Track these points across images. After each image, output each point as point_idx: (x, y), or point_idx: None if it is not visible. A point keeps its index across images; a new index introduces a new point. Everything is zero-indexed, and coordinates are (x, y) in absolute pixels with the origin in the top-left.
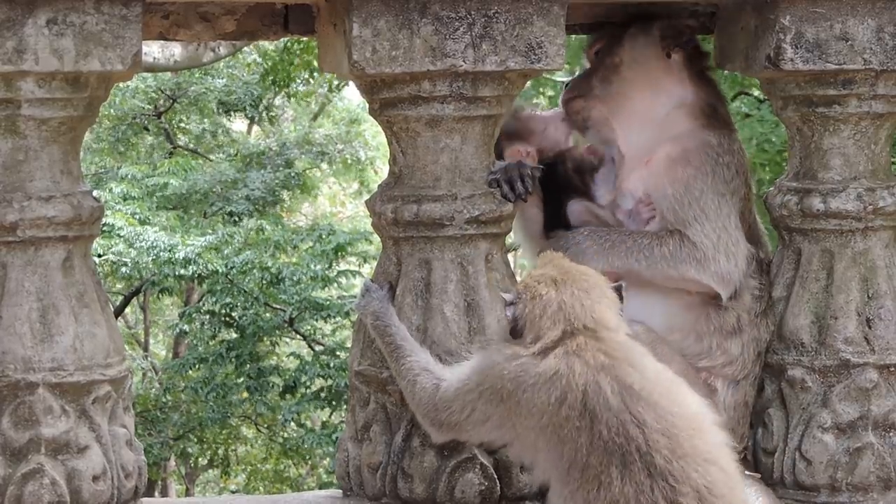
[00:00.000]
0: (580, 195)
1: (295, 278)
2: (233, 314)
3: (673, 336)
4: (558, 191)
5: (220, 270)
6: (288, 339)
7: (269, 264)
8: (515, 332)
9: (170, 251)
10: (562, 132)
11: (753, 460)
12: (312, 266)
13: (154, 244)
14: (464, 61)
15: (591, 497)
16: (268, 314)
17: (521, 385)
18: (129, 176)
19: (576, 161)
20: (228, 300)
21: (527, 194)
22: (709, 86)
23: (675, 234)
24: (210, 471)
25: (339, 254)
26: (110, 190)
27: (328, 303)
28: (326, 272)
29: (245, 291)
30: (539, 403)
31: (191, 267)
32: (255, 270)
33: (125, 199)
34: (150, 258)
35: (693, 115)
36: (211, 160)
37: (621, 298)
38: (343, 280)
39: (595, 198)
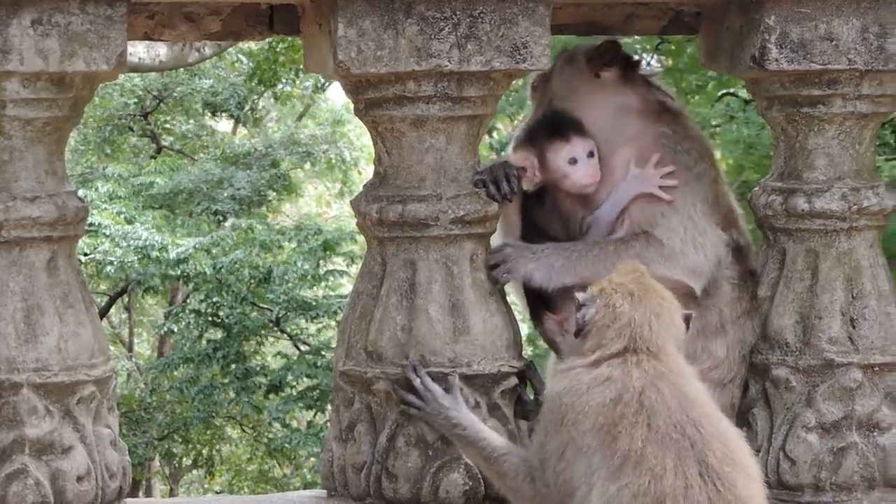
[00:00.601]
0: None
1: (285, 277)
2: (219, 313)
3: None
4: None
5: (209, 270)
6: (272, 339)
7: (259, 263)
8: (580, 333)
9: (161, 250)
10: None
11: None
12: (301, 264)
13: (145, 243)
14: (449, 61)
15: (642, 490)
16: (254, 313)
17: (576, 392)
18: (116, 175)
19: None
20: (216, 299)
21: (512, 194)
22: (650, 86)
23: (642, 235)
24: (194, 471)
25: (327, 252)
26: (96, 189)
27: (315, 303)
28: (315, 271)
29: (233, 291)
30: (594, 405)
31: (181, 266)
32: (244, 269)
33: (111, 199)
34: (137, 257)
35: (641, 115)
36: (195, 160)
37: (687, 327)
38: (331, 279)
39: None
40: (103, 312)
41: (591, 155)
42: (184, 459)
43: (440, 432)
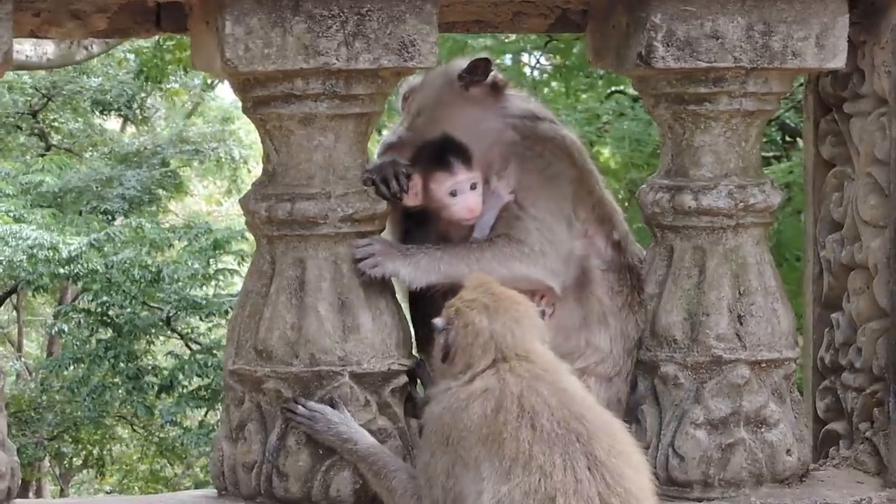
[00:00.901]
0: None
1: (175, 276)
2: (109, 313)
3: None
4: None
5: (100, 269)
6: (163, 338)
7: (149, 262)
8: (446, 358)
9: (51, 249)
10: None
11: None
12: (191, 264)
13: (35, 242)
14: (337, 59)
15: (533, 488)
16: (145, 313)
17: (456, 409)
18: (3, 173)
19: None
20: (105, 299)
21: (402, 192)
22: (513, 98)
23: (502, 236)
24: (85, 471)
25: (217, 251)
26: None
27: (206, 301)
28: (205, 270)
29: (123, 290)
30: (475, 419)
31: (71, 266)
32: (134, 269)
33: None
34: (26, 256)
35: (499, 127)
36: (83, 159)
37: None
38: (221, 278)
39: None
40: None
41: (473, 187)
42: (74, 459)
43: (331, 447)
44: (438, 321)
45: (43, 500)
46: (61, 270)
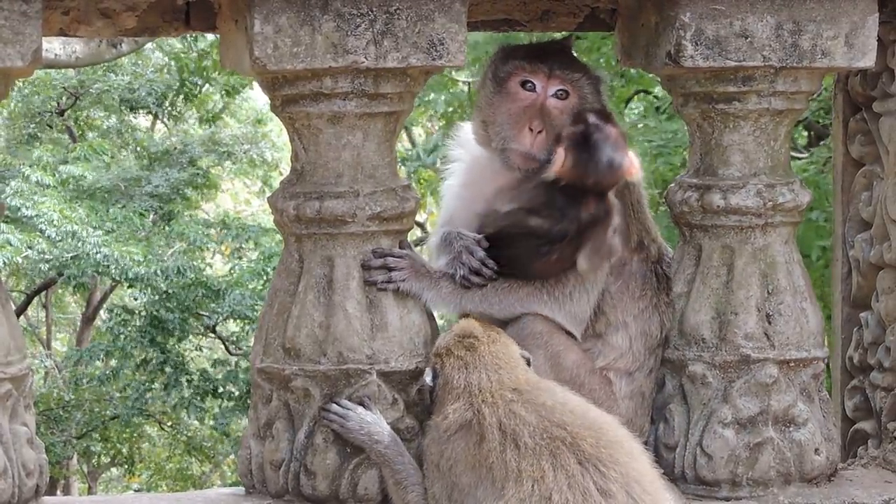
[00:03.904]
0: None
1: (236, 293)
2: (157, 315)
3: None
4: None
5: (157, 276)
6: (208, 340)
7: (206, 277)
8: (432, 406)
9: (135, 266)
10: None
11: (654, 455)
12: (249, 286)
13: (104, 254)
14: (365, 58)
15: (527, 495)
16: (191, 319)
17: (441, 443)
18: (43, 162)
19: None
20: (157, 307)
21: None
22: None
23: (533, 282)
24: (113, 469)
25: (267, 262)
26: (25, 177)
27: (254, 315)
28: (263, 289)
29: (177, 298)
30: (459, 451)
31: (136, 269)
32: (197, 288)
33: (41, 188)
34: (70, 255)
35: None
36: (112, 158)
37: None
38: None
39: None
40: (21, 310)
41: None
42: (102, 457)
43: (360, 446)
44: (426, 380)
45: (70, 497)
46: (112, 273)
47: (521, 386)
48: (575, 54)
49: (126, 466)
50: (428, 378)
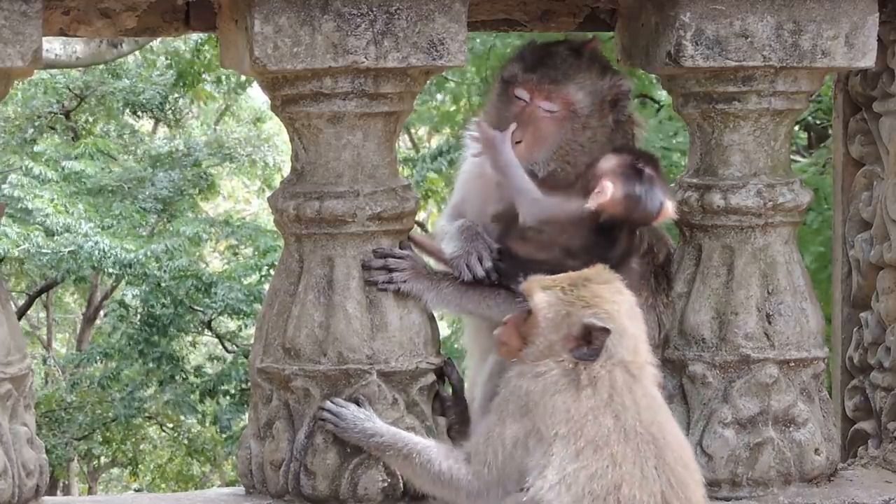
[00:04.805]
0: None
1: (226, 286)
2: (152, 311)
3: None
4: None
5: (159, 274)
6: (195, 335)
7: (201, 271)
8: (593, 355)
9: (126, 253)
10: None
11: None
12: (244, 280)
13: (105, 250)
14: (365, 58)
15: (600, 473)
16: (187, 315)
17: (550, 388)
18: (46, 155)
19: None
20: (153, 303)
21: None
22: None
23: None
24: (113, 469)
25: (263, 259)
26: (27, 170)
27: (250, 311)
28: (259, 284)
29: (171, 293)
30: (569, 399)
31: (127, 268)
32: (188, 279)
33: (43, 182)
34: (68, 250)
35: None
36: (116, 160)
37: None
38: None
39: None
40: (23, 311)
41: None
42: (102, 458)
43: (357, 444)
44: (595, 321)
45: (71, 497)
46: (110, 269)
47: (641, 372)
48: (589, 58)
49: (129, 468)
50: (596, 321)
